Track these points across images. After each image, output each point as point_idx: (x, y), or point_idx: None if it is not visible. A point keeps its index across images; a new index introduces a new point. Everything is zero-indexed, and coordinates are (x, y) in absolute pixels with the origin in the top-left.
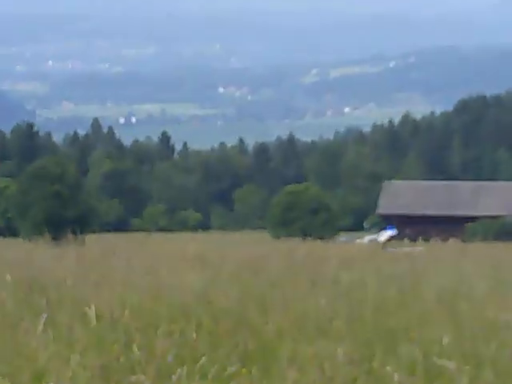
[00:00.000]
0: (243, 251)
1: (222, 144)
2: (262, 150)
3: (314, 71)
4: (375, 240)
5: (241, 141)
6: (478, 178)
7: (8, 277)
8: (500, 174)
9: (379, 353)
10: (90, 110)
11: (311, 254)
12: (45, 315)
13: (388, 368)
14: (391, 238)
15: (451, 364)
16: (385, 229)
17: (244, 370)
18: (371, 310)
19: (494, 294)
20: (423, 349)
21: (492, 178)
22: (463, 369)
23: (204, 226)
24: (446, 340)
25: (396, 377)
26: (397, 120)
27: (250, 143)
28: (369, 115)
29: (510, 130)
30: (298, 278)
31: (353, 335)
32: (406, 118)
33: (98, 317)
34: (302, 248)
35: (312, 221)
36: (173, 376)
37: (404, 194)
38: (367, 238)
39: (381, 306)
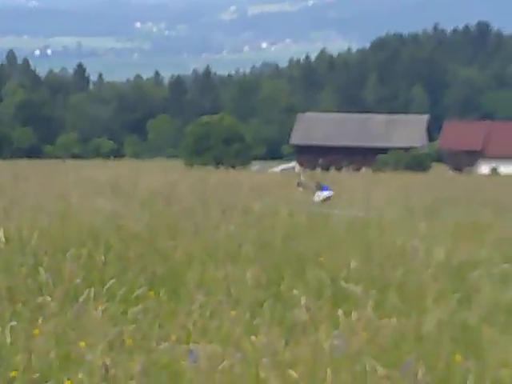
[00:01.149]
0: (156, 178)
1: (138, 77)
2: (177, 82)
3: (232, 8)
4: (288, 169)
5: (156, 73)
6: (392, 113)
7: None
8: (414, 110)
9: (287, 277)
10: (6, 42)
11: (223, 181)
12: None
13: (295, 291)
14: (327, 199)
15: (358, 288)
16: (322, 189)
17: (152, 292)
18: (281, 236)
19: (403, 221)
20: (331, 273)
21: (406, 113)
22: (369, 293)
23: (117, 154)
24: (353, 265)
25: (303, 300)
26: (313, 56)
27: (166, 77)
28: (286, 51)
29: (425, 67)
30: (209, 205)
31: (261, 260)
32: (323, 54)
33: (6, 239)
34: (214, 176)
35: (225, 150)
36: (80, 298)
37: (318, 126)
38: (280, 167)
39: (290, 233)
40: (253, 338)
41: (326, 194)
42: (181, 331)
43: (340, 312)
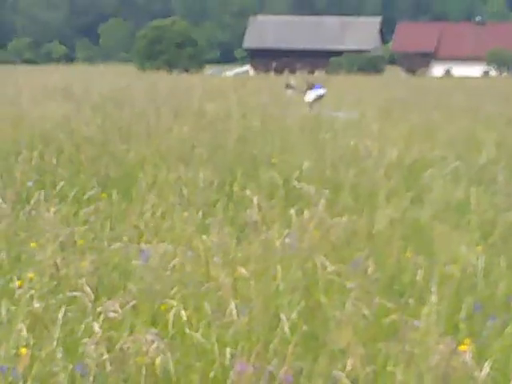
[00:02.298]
0: (108, 83)
1: None
2: None
3: None
4: (242, 73)
5: None
6: (344, 14)
7: None
8: (365, 10)
9: (240, 178)
10: None
11: (177, 85)
12: None
13: (248, 192)
14: (319, 98)
15: (310, 188)
16: (313, 88)
17: (104, 194)
18: (234, 138)
19: (356, 124)
20: (283, 174)
21: (358, 13)
22: (322, 192)
23: (69, 59)
24: (306, 166)
25: (255, 199)
26: None
27: None
28: None
29: None
30: (162, 109)
31: (214, 162)
32: None
33: None
34: (167, 80)
35: (178, 54)
36: (32, 200)
37: (270, 29)
38: (234, 71)
39: (244, 135)
40: (204, 237)
41: (318, 92)
42: (132, 231)
43: (292, 211)
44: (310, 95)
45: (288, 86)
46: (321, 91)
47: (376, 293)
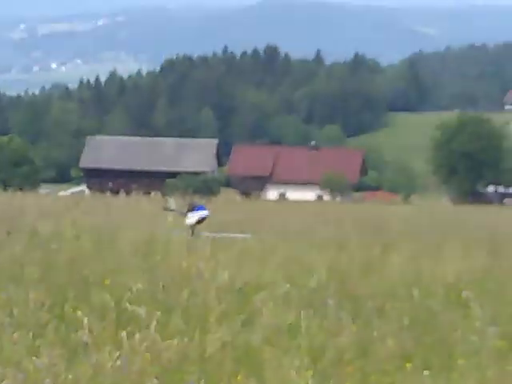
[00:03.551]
0: None
1: None
2: None
3: (22, 26)
4: (77, 193)
5: None
6: (182, 136)
7: None
8: (203, 133)
9: (71, 299)
10: None
11: (11, 204)
12: None
13: (79, 313)
14: (202, 220)
15: (142, 310)
16: (195, 209)
17: None
18: (66, 259)
19: (189, 244)
20: (115, 296)
21: (195, 136)
22: (153, 314)
23: None
24: (137, 287)
25: (86, 321)
26: (104, 77)
27: None
28: (76, 72)
29: (214, 91)
30: None
31: (46, 282)
32: (113, 76)
33: None
34: (1, 199)
35: (14, 173)
36: None
37: (107, 149)
38: (70, 190)
39: (76, 256)
40: (34, 358)
41: (200, 214)
42: None
43: (123, 333)
44: (192, 218)
45: (166, 209)
46: (204, 213)
47: None
